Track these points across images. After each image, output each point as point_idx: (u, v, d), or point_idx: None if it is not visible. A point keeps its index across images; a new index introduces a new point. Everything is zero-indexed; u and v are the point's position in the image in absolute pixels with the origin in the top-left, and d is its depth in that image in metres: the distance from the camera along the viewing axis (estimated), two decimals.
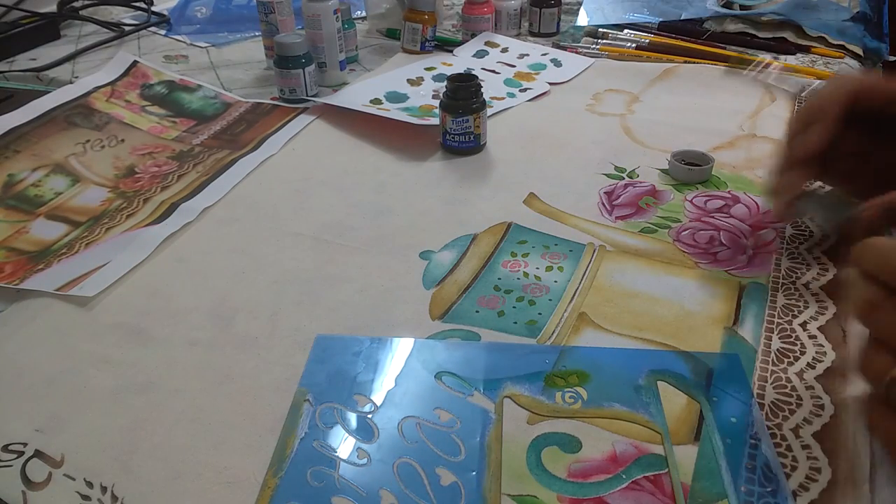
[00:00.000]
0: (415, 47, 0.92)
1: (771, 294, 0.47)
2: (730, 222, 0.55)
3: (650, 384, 0.40)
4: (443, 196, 0.60)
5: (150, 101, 0.78)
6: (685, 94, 0.78)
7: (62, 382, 0.42)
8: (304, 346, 0.44)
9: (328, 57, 0.82)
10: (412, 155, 0.68)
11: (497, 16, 0.96)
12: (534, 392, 0.40)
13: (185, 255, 0.53)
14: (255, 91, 0.83)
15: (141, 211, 0.59)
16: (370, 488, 0.35)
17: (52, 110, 0.72)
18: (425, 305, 0.47)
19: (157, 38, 1.01)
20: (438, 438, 0.38)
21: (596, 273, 0.50)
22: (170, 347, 0.44)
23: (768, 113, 0.72)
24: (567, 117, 0.74)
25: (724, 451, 0.36)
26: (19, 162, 0.65)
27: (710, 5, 0.98)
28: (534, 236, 0.54)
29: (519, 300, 0.47)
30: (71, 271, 0.51)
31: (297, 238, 0.55)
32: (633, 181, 0.61)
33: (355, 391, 0.41)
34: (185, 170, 0.66)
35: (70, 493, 0.35)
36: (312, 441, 0.38)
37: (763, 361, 0.42)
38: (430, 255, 0.53)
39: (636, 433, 0.38)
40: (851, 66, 0.85)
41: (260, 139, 0.71)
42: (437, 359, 0.43)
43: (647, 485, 0.35)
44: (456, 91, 0.65)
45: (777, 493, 0.34)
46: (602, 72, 0.85)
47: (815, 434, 0.37)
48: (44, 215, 0.59)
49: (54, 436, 0.38)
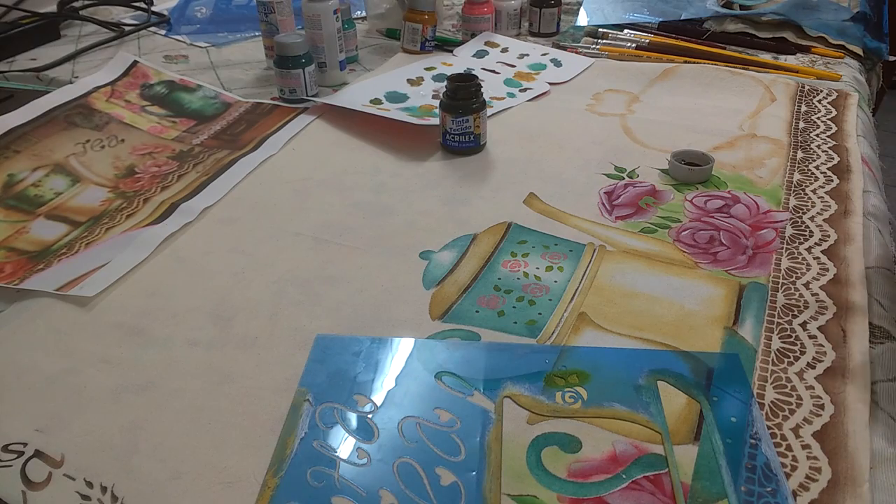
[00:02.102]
0: (415, 47, 0.92)
1: (771, 294, 0.47)
2: (730, 222, 0.55)
3: (650, 384, 0.40)
4: (443, 196, 0.60)
5: (150, 101, 0.78)
6: (685, 94, 0.78)
7: (62, 382, 0.42)
8: (304, 346, 0.44)
9: (328, 57, 0.82)
10: (412, 155, 0.68)
11: (497, 16, 0.96)
12: (534, 392, 0.40)
13: (184, 255, 0.53)
14: (255, 91, 0.83)
15: (141, 211, 0.59)
16: (370, 488, 0.35)
17: (52, 110, 0.72)
18: (425, 305, 0.47)
19: (157, 38, 1.01)
20: (438, 438, 0.38)
21: (596, 273, 0.50)
22: (170, 347, 0.44)
23: (768, 113, 0.72)
24: (567, 117, 0.74)
25: (724, 451, 0.36)
26: (19, 162, 0.65)
27: (710, 5, 0.98)
28: (534, 236, 0.54)
29: (519, 300, 0.47)
30: (71, 271, 0.51)
31: (297, 238, 0.55)
32: (633, 181, 0.61)
33: (355, 391, 0.41)
34: (185, 170, 0.65)
35: (70, 493, 0.35)
36: (312, 441, 0.38)
37: (763, 361, 0.42)
38: (430, 255, 0.52)
39: (636, 433, 0.38)
40: (851, 66, 0.85)
41: (260, 139, 0.71)
42: (437, 359, 0.43)
43: (647, 485, 0.35)
44: (456, 91, 0.65)
45: (777, 493, 0.34)
46: (602, 72, 0.85)
47: (815, 434, 0.37)
48: (44, 215, 0.59)
49: (54, 436, 0.38)
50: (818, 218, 0.55)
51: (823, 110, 0.72)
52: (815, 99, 0.75)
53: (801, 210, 0.56)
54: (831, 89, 0.76)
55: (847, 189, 0.58)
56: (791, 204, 0.57)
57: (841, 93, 0.76)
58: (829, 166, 0.62)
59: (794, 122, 0.70)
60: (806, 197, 0.58)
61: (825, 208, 0.56)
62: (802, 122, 0.70)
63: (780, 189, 0.59)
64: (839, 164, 0.62)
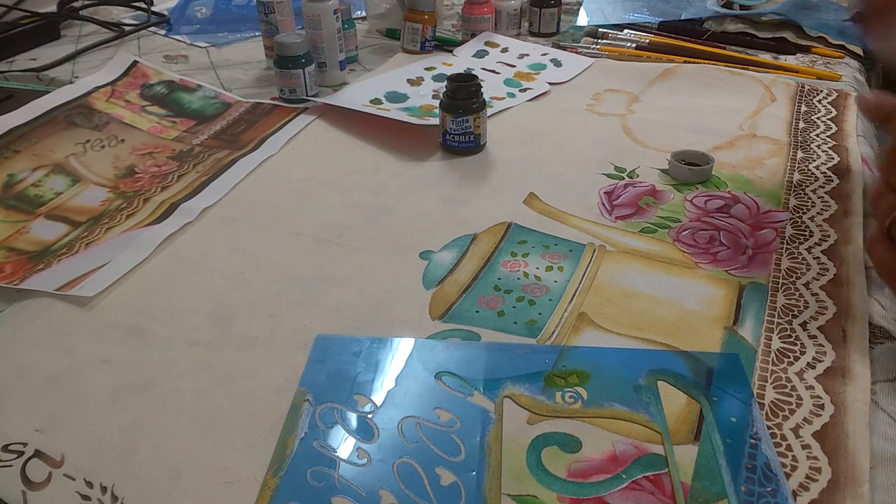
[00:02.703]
0: (415, 47, 0.92)
1: (771, 294, 0.47)
2: (730, 222, 0.55)
3: (650, 384, 0.40)
4: (443, 196, 0.60)
5: (150, 101, 0.78)
6: (685, 94, 0.78)
7: (62, 382, 0.42)
8: (304, 346, 0.44)
9: (328, 57, 0.82)
10: (412, 155, 0.68)
11: (497, 16, 0.96)
12: (534, 392, 0.40)
13: (184, 255, 0.53)
14: (255, 91, 0.83)
15: (141, 211, 0.59)
16: (370, 488, 0.35)
17: (52, 110, 0.72)
18: (425, 305, 0.47)
19: (157, 38, 1.01)
20: (438, 438, 0.37)
21: (596, 273, 0.50)
22: (169, 347, 0.44)
23: (768, 113, 0.72)
24: (567, 117, 0.74)
25: (724, 451, 0.36)
26: (19, 162, 0.65)
27: (710, 5, 0.98)
28: (534, 236, 0.54)
29: (519, 300, 0.47)
30: (71, 271, 0.51)
31: (297, 238, 0.55)
32: (633, 181, 0.61)
33: (355, 391, 0.41)
34: (185, 170, 0.65)
35: (70, 493, 0.35)
36: (312, 441, 0.38)
37: (763, 361, 0.42)
38: (430, 255, 0.52)
39: (636, 433, 0.38)
40: (851, 66, 0.85)
41: (260, 139, 0.71)
42: (437, 359, 0.43)
43: (647, 485, 0.35)
44: (456, 91, 0.65)
45: (777, 493, 0.34)
46: (602, 72, 0.85)
47: (815, 434, 0.37)
48: (44, 215, 0.59)
49: (54, 436, 0.38)
50: (818, 218, 0.55)
51: (823, 110, 0.72)
52: (815, 99, 0.75)
53: (801, 210, 0.56)
54: (831, 89, 0.76)
55: (847, 189, 0.58)
56: (791, 204, 0.57)
57: (841, 93, 0.76)
58: (829, 166, 0.62)
59: (794, 122, 0.70)
60: (806, 197, 0.58)
61: (825, 208, 0.56)
62: (802, 122, 0.70)
63: (780, 189, 0.59)
64: (839, 164, 0.62)
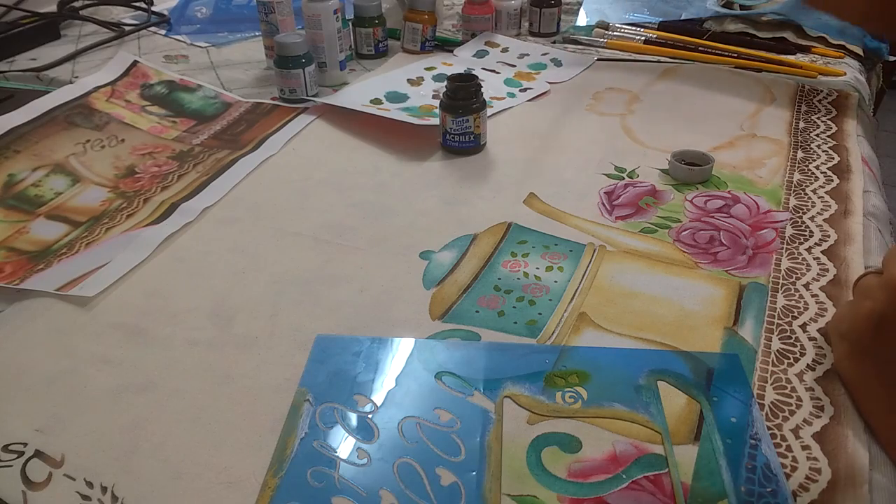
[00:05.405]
0: (415, 47, 0.92)
1: (771, 294, 0.47)
2: (730, 222, 0.55)
3: (650, 384, 0.40)
4: (443, 196, 0.60)
5: (151, 101, 0.78)
6: (685, 94, 0.78)
7: (62, 382, 0.42)
8: (304, 346, 0.44)
9: (328, 57, 0.82)
10: (412, 155, 0.68)
11: (497, 16, 0.96)
12: (534, 392, 0.40)
13: (184, 255, 0.53)
14: (255, 91, 0.83)
15: (141, 211, 0.59)
16: (370, 488, 0.35)
17: (52, 110, 0.72)
18: (425, 305, 0.47)
19: (157, 38, 1.00)
20: (438, 438, 0.37)
21: (596, 273, 0.50)
22: (170, 347, 0.44)
23: (768, 113, 0.72)
24: (567, 117, 0.74)
25: (724, 451, 0.36)
26: (19, 162, 0.65)
27: (710, 5, 0.98)
28: (534, 236, 0.54)
29: (519, 300, 0.47)
30: (71, 271, 0.51)
31: (297, 238, 0.55)
32: (633, 181, 0.61)
33: (355, 391, 0.41)
34: (185, 170, 0.65)
35: (70, 493, 0.35)
36: (312, 441, 0.38)
37: (763, 362, 0.42)
38: (430, 255, 0.52)
39: (636, 433, 0.38)
40: (851, 66, 0.85)
41: (260, 139, 0.71)
42: (437, 359, 0.43)
43: (647, 485, 0.35)
44: (456, 91, 0.65)
45: (777, 493, 0.34)
46: (602, 71, 0.85)
47: (814, 435, 0.37)
48: (44, 215, 0.59)
49: (54, 436, 0.38)
50: (818, 218, 0.55)
51: (823, 110, 0.72)
52: (815, 99, 0.75)
53: (801, 210, 0.56)
54: (831, 89, 0.76)
55: (847, 189, 0.58)
56: (791, 204, 0.57)
57: (841, 93, 0.76)
58: (830, 166, 0.62)
59: (794, 121, 0.70)
60: (806, 197, 0.58)
61: (825, 208, 0.56)
62: (802, 121, 0.70)
63: (780, 189, 0.59)
64: (839, 163, 0.62)
